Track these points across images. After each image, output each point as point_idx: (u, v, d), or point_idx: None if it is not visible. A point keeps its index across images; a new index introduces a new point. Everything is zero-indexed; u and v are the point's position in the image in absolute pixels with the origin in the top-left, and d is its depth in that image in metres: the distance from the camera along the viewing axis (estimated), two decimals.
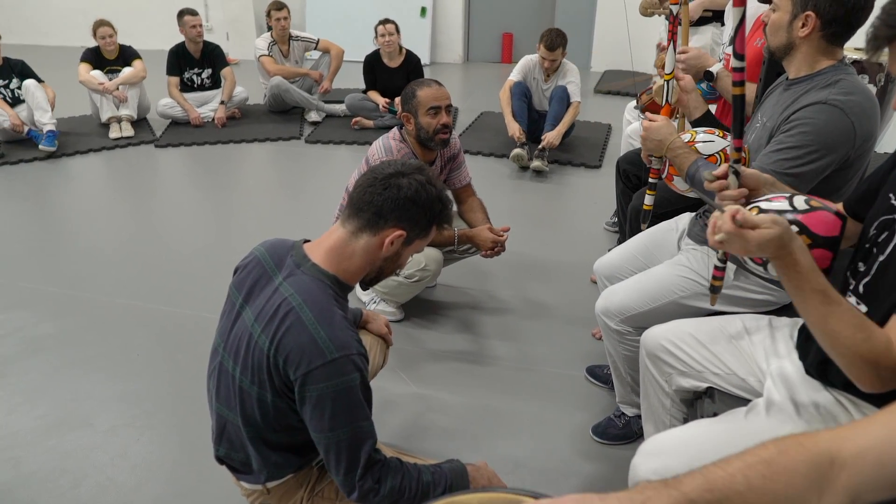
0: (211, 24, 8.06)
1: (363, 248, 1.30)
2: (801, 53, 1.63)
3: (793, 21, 1.60)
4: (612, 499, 0.79)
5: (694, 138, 1.79)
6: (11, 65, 4.87)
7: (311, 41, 5.74)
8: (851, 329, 1.05)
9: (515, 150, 4.44)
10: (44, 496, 1.93)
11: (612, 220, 3.61)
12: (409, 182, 1.29)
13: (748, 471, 0.79)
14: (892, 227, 1.18)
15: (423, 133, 2.46)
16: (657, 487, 0.79)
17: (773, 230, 1.04)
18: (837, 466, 0.79)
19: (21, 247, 3.52)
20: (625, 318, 1.95)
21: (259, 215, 3.94)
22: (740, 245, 1.07)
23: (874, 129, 1.62)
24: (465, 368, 2.53)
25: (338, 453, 1.24)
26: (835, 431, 0.83)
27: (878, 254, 1.19)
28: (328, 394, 1.21)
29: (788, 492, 0.78)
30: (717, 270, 1.49)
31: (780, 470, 0.79)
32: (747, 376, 1.51)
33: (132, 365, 2.52)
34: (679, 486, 0.78)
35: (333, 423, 1.22)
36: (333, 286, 1.29)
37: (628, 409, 2.12)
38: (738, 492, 0.78)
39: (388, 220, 1.29)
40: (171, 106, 5.40)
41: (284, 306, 1.24)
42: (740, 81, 1.29)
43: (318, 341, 1.20)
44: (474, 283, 3.10)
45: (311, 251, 1.32)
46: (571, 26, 7.34)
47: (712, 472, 0.80)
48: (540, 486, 0.95)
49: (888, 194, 1.23)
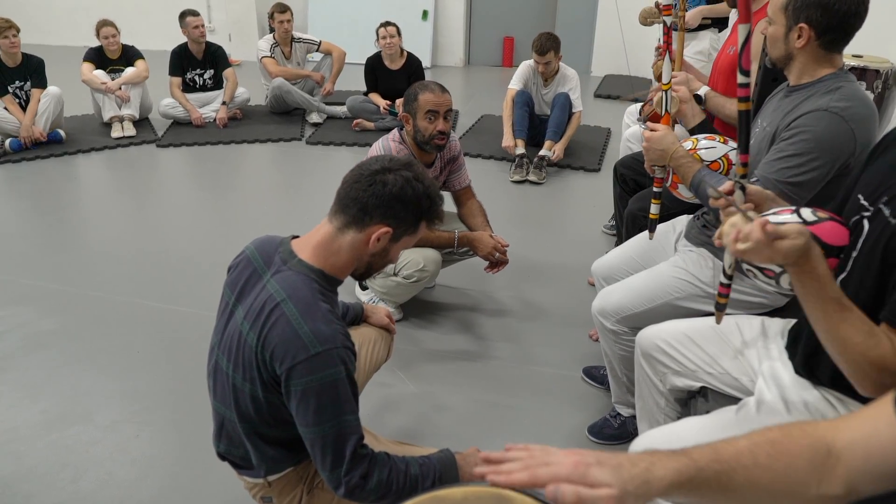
0: (214, 26, 8.09)
1: (349, 244, 1.30)
2: (800, 63, 1.65)
3: (788, 34, 1.61)
4: (622, 457, 0.81)
5: (696, 146, 1.81)
6: (29, 63, 4.87)
7: (312, 43, 5.76)
8: (863, 335, 1.06)
9: (513, 172, 4.45)
10: (44, 490, 1.95)
11: (611, 223, 3.64)
12: (395, 178, 1.28)
13: (755, 448, 0.82)
14: (861, 225, 1.21)
15: (419, 136, 2.48)
16: (666, 453, 0.82)
17: (800, 241, 1.04)
18: (834, 457, 0.82)
19: (23, 244, 3.54)
20: (621, 318, 1.97)
21: (259, 215, 3.97)
22: (767, 254, 1.05)
23: (873, 137, 1.63)
24: (464, 368, 2.55)
25: (323, 448, 1.24)
26: (831, 423, 0.86)
27: (851, 250, 1.23)
28: (313, 388, 1.21)
29: (790, 473, 0.81)
30: (723, 287, 1.44)
31: (784, 451, 0.82)
32: (740, 376, 1.53)
33: (133, 361, 2.55)
34: (688, 454, 0.81)
35: (318, 418, 1.22)
36: (319, 280, 1.29)
37: (624, 409, 2.14)
38: (745, 465, 0.81)
39: (373, 216, 1.28)
40: (173, 106, 5.42)
41: (270, 302, 1.24)
42: (745, 98, 1.28)
43: (302, 336, 1.20)
44: (473, 284, 3.12)
45: (298, 247, 1.33)
46: (572, 30, 7.41)
47: (721, 446, 0.83)
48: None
49: (857, 195, 1.26)
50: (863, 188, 1.26)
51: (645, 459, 0.80)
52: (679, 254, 2.02)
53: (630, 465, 0.79)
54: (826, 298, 1.06)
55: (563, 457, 0.80)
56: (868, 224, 1.19)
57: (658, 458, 0.81)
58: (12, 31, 4.66)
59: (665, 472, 0.79)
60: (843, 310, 1.07)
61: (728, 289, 1.45)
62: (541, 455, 0.82)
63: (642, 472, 0.78)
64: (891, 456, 0.79)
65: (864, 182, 1.27)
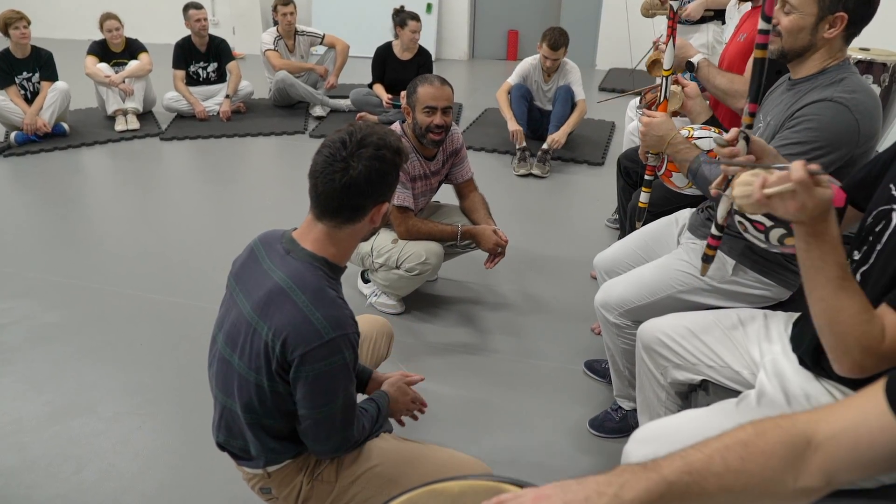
0: (217, 19, 8.07)
1: (349, 234, 1.34)
2: (818, 55, 1.61)
3: (818, 24, 1.56)
4: (591, 482, 0.81)
5: (692, 134, 1.80)
6: (38, 56, 4.89)
7: (316, 36, 5.75)
8: (857, 308, 1.04)
9: (517, 166, 4.44)
10: (47, 481, 1.96)
11: (614, 217, 3.63)
12: (365, 165, 1.28)
13: (726, 452, 0.80)
14: (889, 217, 1.19)
15: (417, 129, 2.49)
16: (635, 470, 0.81)
17: (830, 191, 0.98)
18: (812, 448, 0.80)
19: (27, 237, 3.55)
20: (623, 311, 1.97)
21: (262, 209, 3.97)
22: (802, 199, 0.97)
23: (877, 128, 1.62)
24: (465, 361, 2.55)
25: (333, 420, 1.31)
26: (811, 413, 0.84)
27: (875, 242, 1.21)
28: (324, 372, 1.25)
29: (765, 473, 0.80)
30: (713, 239, 1.44)
31: (757, 452, 0.80)
32: (741, 369, 1.53)
33: (136, 354, 2.55)
34: (658, 469, 0.80)
35: (329, 398, 1.28)
36: (324, 268, 1.32)
37: (625, 403, 2.14)
38: (716, 473, 0.79)
39: (366, 206, 1.32)
40: (177, 99, 5.43)
41: (278, 291, 1.26)
42: (763, 44, 1.26)
43: (315, 322, 1.23)
44: (475, 278, 3.12)
45: (299, 237, 1.35)
46: (577, 24, 7.37)
47: (691, 455, 0.81)
48: (536, 479, 0.97)
49: (888, 185, 1.23)
50: (894, 177, 1.23)
51: (614, 483, 0.79)
52: (682, 247, 2.01)
53: (597, 496, 0.78)
54: (832, 262, 1.03)
55: (528, 499, 0.81)
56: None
57: (627, 479, 0.79)
58: (23, 22, 4.69)
59: (635, 493, 0.78)
60: (844, 277, 1.04)
61: (718, 241, 1.46)
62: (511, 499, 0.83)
63: (611, 500, 0.78)
64: (878, 444, 0.78)
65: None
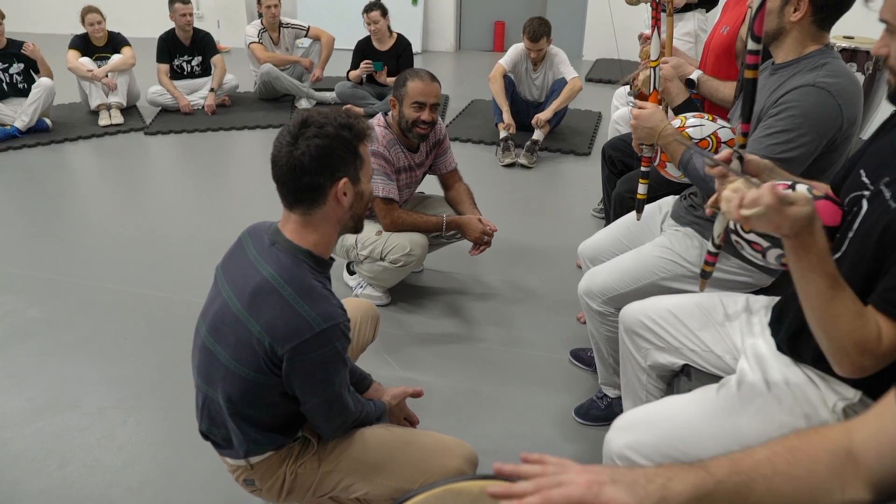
0: (202, 12, 8.01)
1: (321, 217, 1.32)
2: (790, 38, 1.63)
3: (784, 7, 1.59)
4: (639, 470, 0.79)
5: (684, 123, 1.80)
6: (14, 48, 4.83)
7: (301, 28, 5.72)
8: (852, 315, 1.04)
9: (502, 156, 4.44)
10: (31, 476, 1.94)
11: (600, 206, 3.63)
12: (307, 144, 1.26)
13: (774, 457, 0.80)
14: (860, 203, 1.19)
15: (403, 122, 2.49)
16: (682, 467, 0.79)
17: (808, 208, 1.00)
18: (851, 458, 0.80)
19: (10, 232, 3.52)
20: (607, 298, 1.97)
21: (248, 202, 3.94)
22: (775, 221, 1.00)
23: (858, 113, 1.63)
24: (451, 352, 2.55)
25: (331, 404, 1.35)
26: (843, 425, 0.84)
27: (846, 230, 1.21)
28: (318, 362, 1.27)
29: (811, 479, 0.79)
30: (710, 256, 1.46)
31: (803, 457, 0.80)
32: (724, 354, 1.53)
33: (120, 349, 2.54)
34: (705, 468, 0.79)
35: (324, 385, 1.31)
36: (308, 261, 1.32)
37: (610, 390, 2.15)
38: (765, 475, 0.78)
39: (323, 185, 1.29)
40: (161, 93, 5.38)
41: (265, 286, 1.26)
42: (754, 65, 1.26)
43: (304, 315, 1.24)
44: (461, 268, 3.12)
45: (282, 229, 1.35)
46: (563, 15, 7.37)
47: (739, 457, 0.81)
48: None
49: (860, 171, 1.24)
50: (866, 164, 1.24)
51: (661, 475, 0.78)
52: (665, 234, 2.01)
53: (646, 482, 0.76)
54: (822, 273, 1.04)
55: (576, 475, 0.78)
56: (867, 204, 1.17)
57: (675, 473, 0.78)
58: None
59: (683, 486, 0.76)
60: (836, 287, 1.04)
61: (715, 258, 1.47)
62: (554, 473, 0.79)
63: (659, 489, 0.76)
64: None
65: (869, 157, 1.26)
